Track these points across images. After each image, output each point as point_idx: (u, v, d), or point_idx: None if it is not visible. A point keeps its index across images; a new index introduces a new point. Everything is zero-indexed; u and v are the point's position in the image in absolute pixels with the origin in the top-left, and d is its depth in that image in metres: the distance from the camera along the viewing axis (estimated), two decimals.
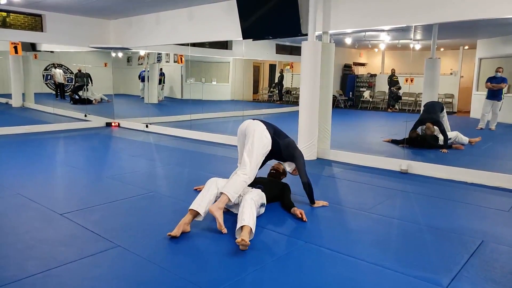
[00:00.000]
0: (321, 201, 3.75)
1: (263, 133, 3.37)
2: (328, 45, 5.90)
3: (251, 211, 2.94)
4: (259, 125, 3.43)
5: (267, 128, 3.43)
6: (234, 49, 9.79)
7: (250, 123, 3.46)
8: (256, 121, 3.49)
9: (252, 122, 3.47)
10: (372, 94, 12.96)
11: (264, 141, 3.35)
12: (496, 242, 2.96)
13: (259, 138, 3.33)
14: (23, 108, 11.00)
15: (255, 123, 3.45)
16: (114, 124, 9.26)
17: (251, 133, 3.34)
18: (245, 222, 2.83)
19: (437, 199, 4.11)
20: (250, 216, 2.89)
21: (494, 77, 7.94)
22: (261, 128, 3.40)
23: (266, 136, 3.38)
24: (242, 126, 3.53)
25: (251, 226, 2.82)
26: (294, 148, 3.63)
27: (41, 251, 2.67)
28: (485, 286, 2.31)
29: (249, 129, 3.40)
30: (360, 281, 2.37)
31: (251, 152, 3.25)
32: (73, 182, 4.58)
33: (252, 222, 2.87)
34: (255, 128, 3.39)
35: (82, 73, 11.87)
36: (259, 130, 3.37)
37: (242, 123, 3.55)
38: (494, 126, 8.08)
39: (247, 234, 2.75)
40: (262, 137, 3.35)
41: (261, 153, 3.33)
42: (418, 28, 7.44)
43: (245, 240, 2.67)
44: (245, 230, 2.78)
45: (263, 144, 3.34)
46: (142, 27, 8.62)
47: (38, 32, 8.27)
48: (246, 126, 3.45)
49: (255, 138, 3.30)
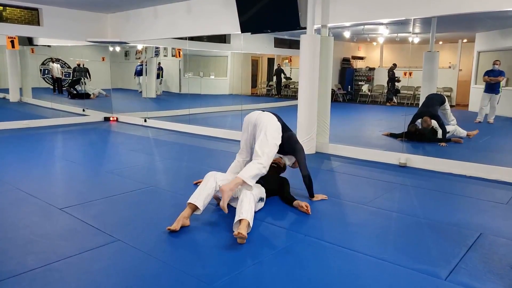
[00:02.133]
0: (320, 195, 3.75)
1: (277, 126, 3.37)
2: (327, 39, 5.88)
3: (250, 205, 2.95)
4: (272, 117, 3.42)
5: (278, 121, 3.44)
6: (232, 43, 9.74)
7: (261, 114, 3.44)
8: (267, 113, 3.47)
9: (263, 113, 3.44)
10: (370, 88, 12.95)
11: (278, 133, 3.36)
12: (495, 235, 2.97)
13: (275, 130, 3.33)
14: (20, 103, 10.96)
15: (267, 114, 3.43)
16: (112, 118, 9.23)
17: (265, 124, 3.31)
18: (243, 216, 2.84)
19: (435, 193, 4.12)
20: (248, 210, 2.90)
21: (492, 70, 7.94)
22: (274, 120, 3.40)
23: (279, 129, 3.38)
24: (251, 116, 3.49)
25: (249, 220, 2.83)
26: (296, 141, 3.64)
27: (40, 246, 2.68)
28: (483, 278, 2.33)
29: (262, 120, 3.36)
30: (359, 274, 2.38)
31: (265, 143, 3.22)
32: (72, 177, 4.58)
33: (250, 216, 2.88)
34: (269, 119, 3.37)
35: (80, 67, 11.82)
36: (273, 121, 3.37)
37: (251, 114, 3.51)
38: (492, 119, 8.10)
39: (245, 228, 2.76)
40: (277, 129, 3.36)
41: (276, 144, 3.32)
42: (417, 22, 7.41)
43: (242, 233, 2.67)
44: (243, 224, 2.79)
45: (278, 136, 3.35)
46: (140, 21, 8.57)
47: (35, 26, 8.21)
48: (257, 117, 3.42)
49: (269, 129, 3.29)
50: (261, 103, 12.24)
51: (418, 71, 8.93)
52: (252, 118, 3.46)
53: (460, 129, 6.94)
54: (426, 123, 6.65)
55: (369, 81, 13.17)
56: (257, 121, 3.40)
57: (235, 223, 2.86)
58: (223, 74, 12.67)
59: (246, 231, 2.74)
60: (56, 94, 11.97)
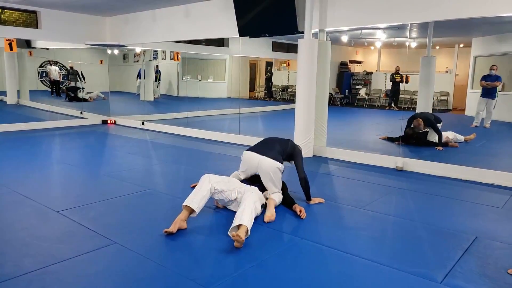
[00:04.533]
0: (317, 198, 3.77)
1: (277, 167, 3.50)
2: (325, 43, 5.92)
3: (251, 215, 2.95)
4: (271, 163, 3.48)
5: (278, 160, 3.51)
6: (230, 46, 9.78)
7: (262, 162, 3.49)
8: (267, 159, 3.49)
9: (264, 161, 3.49)
10: (368, 92, 13.00)
11: (280, 172, 3.54)
12: (490, 238, 2.99)
13: (278, 178, 3.53)
14: (18, 105, 10.95)
15: (268, 163, 3.48)
16: (110, 121, 9.23)
17: (268, 174, 3.47)
18: (244, 222, 2.83)
19: (432, 196, 4.14)
20: (249, 219, 2.89)
21: (488, 75, 7.99)
22: (273, 164, 3.48)
23: (280, 168, 3.52)
24: (251, 159, 3.56)
25: (248, 227, 2.84)
26: (294, 146, 3.73)
27: (38, 248, 2.67)
28: (479, 281, 2.34)
29: (265, 169, 3.48)
30: (355, 277, 2.40)
31: (276, 186, 3.52)
32: (70, 180, 4.58)
33: (250, 225, 2.88)
34: (270, 168, 3.47)
35: (73, 70, 11.81)
36: (272, 168, 3.47)
37: (250, 156, 3.57)
38: (488, 124, 8.15)
39: (243, 232, 2.77)
40: (279, 170, 3.52)
41: (280, 180, 3.57)
42: (414, 26, 7.47)
43: (241, 236, 2.68)
44: (242, 229, 2.79)
45: (281, 174, 3.57)
46: (138, 24, 8.59)
47: (33, 29, 8.21)
48: (259, 165, 3.50)
49: (276, 179, 3.50)
50: (259, 106, 12.27)
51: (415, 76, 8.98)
52: (253, 163, 3.55)
53: (457, 135, 6.98)
54: (417, 122, 6.69)
55: (366, 85, 13.23)
56: (260, 169, 3.52)
57: (233, 227, 2.86)
58: (221, 77, 12.70)
59: (244, 236, 2.75)
60: (54, 96, 11.96)
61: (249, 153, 3.60)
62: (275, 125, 9.50)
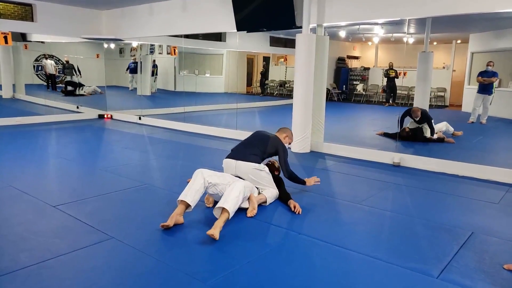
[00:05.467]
0: (312, 179, 3.79)
1: (255, 167, 3.50)
2: (322, 38, 5.90)
3: (237, 198, 3.00)
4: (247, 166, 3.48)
5: (253, 162, 3.50)
6: (228, 41, 9.74)
7: (238, 166, 3.49)
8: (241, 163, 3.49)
9: (239, 165, 3.49)
10: (365, 87, 13.01)
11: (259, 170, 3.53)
12: (486, 234, 3.01)
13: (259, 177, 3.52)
14: (13, 100, 10.87)
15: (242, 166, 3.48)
16: (106, 116, 9.19)
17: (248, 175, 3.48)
18: (227, 205, 2.89)
19: (428, 192, 4.15)
20: (233, 201, 2.95)
21: (485, 71, 8.00)
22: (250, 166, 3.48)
23: (259, 167, 3.52)
24: (229, 166, 3.56)
25: (230, 213, 2.89)
26: (276, 145, 3.72)
27: (34, 243, 2.67)
28: (475, 276, 2.36)
29: (243, 172, 3.48)
30: (352, 272, 2.40)
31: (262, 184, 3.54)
32: (66, 174, 4.56)
33: (233, 209, 2.94)
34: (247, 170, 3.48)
35: (69, 64, 11.73)
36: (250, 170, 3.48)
37: (228, 163, 3.57)
38: (485, 120, 8.17)
39: (221, 224, 2.82)
40: (261, 175, 3.53)
41: (266, 174, 3.57)
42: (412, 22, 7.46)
43: (214, 235, 2.70)
44: (222, 218, 2.85)
45: (268, 177, 3.59)
46: (135, 18, 8.53)
47: (28, 22, 8.14)
48: (236, 170, 3.51)
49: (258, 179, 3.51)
50: (256, 101, 12.25)
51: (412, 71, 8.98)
52: (231, 170, 3.55)
53: (450, 128, 7.09)
54: (415, 113, 6.73)
55: (364, 81, 13.23)
56: (239, 174, 3.51)
57: (217, 207, 2.94)
58: (218, 72, 12.65)
59: (220, 229, 2.78)
60: (50, 90, 11.87)
61: (226, 161, 3.62)
62: (272, 120, 9.49)
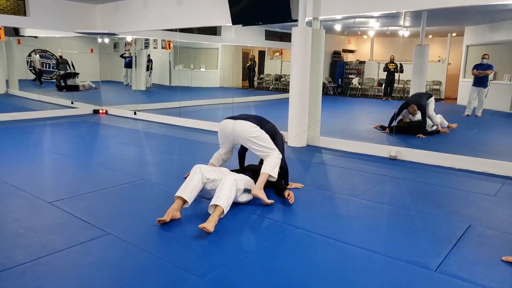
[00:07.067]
0: (295, 183, 3.80)
1: (252, 127, 3.43)
2: (318, 31, 5.87)
3: (230, 192, 2.97)
4: (245, 124, 3.43)
5: (252, 122, 3.47)
6: (223, 35, 9.67)
7: (236, 125, 3.45)
8: (239, 121, 3.46)
9: (236, 124, 3.45)
10: (361, 81, 13.00)
11: (258, 130, 3.45)
12: (483, 226, 3.02)
13: (254, 132, 3.42)
14: (7, 95, 10.76)
15: (241, 125, 3.44)
16: (101, 111, 9.13)
17: (245, 135, 3.41)
18: (219, 202, 2.87)
19: (425, 185, 4.16)
20: (226, 195, 2.93)
21: (480, 64, 8.02)
22: (248, 125, 3.43)
23: (255, 127, 3.45)
24: (225, 127, 3.52)
25: (223, 208, 2.87)
26: (274, 129, 3.69)
27: (30, 240, 2.64)
28: (472, 269, 2.36)
29: (239, 133, 3.43)
30: (350, 266, 2.40)
31: (261, 145, 3.41)
32: (61, 170, 4.52)
33: (227, 204, 2.91)
34: (245, 128, 3.42)
35: (63, 59, 11.61)
36: (248, 128, 3.41)
37: (224, 123, 3.54)
38: (480, 113, 8.20)
39: (215, 218, 2.80)
40: (255, 129, 3.43)
41: (263, 135, 3.46)
42: (407, 15, 7.44)
43: (208, 228, 2.69)
44: (215, 213, 2.83)
45: (258, 131, 3.46)
46: (129, 12, 8.44)
47: (21, 17, 8.03)
48: (232, 130, 3.46)
49: (257, 139, 3.40)
50: (252, 96, 12.21)
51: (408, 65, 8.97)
52: (227, 129, 3.51)
53: (444, 121, 7.16)
54: (412, 108, 6.76)
55: (359, 74, 13.22)
56: (234, 134, 3.48)
57: (210, 205, 2.92)
58: (213, 66, 12.59)
59: (214, 224, 2.76)
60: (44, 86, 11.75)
61: (224, 121, 3.57)
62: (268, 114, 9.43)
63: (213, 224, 2.75)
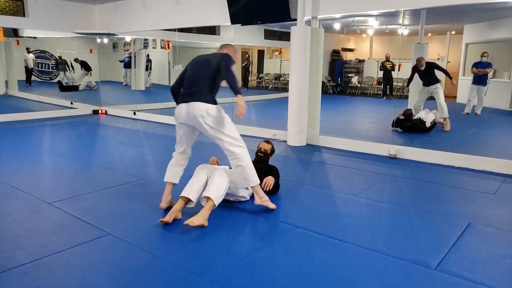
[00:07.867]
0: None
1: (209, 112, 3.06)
2: (317, 30, 5.86)
3: (220, 183, 2.96)
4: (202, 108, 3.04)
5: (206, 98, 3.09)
6: (222, 34, 9.66)
7: (190, 110, 3.08)
8: (192, 104, 3.08)
9: (190, 109, 3.08)
10: (360, 79, 12.99)
11: (222, 117, 3.13)
12: (483, 225, 3.02)
13: (223, 122, 3.11)
14: (6, 96, 10.75)
15: (195, 108, 3.06)
16: (101, 111, 9.12)
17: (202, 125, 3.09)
18: (209, 193, 2.88)
19: (425, 183, 4.16)
20: (215, 187, 2.93)
21: (479, 62, 8.01)
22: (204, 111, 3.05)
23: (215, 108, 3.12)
24: (180, 114, 3.19)
25: (214, 200, 2.87)
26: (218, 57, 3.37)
27: (30, 240, 2.64)
28: (472, 267, 2.37)
29: (194, 121, 3.11)
30: (350, 265, 2.40)
31: (225, 134, 3.12)
32: (61, 171, 4.52)
33: (216, 195, 2.90)
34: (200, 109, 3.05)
35: (62, 59, 11.59)
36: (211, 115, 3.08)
37: (179, 109, 3.21)
38: (479, 111, 8.20)
39: (206, 212, 2.82)
40: (222, 119, 3.12)
41: (229, 122, 3.17)
42: (406, 13, 7.43)
43: (194, 223, 2.72)
44: (206, 207, 2.84)
45: (226, 120, 3.17)
46: (128, 12, 8.44)
47: (20, 17, 8.02)
48: (186, 116, 3.11)
49: (221, 127, 3.10)
50: (252, 95, 12.20)
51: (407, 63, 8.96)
52: (181, 116, 3.20)
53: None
54: (420, 63, 6.80)
55: (358, 73, 13.21)
56: (192, 123, 3.17)
57: (202, 197, 2.94)
58: None
59: (205, 216, 2.79)
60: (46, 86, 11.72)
61: (178, 107, 3.18)
62: (267, 113, 9.46)
63: (202, 218, 2.77)
